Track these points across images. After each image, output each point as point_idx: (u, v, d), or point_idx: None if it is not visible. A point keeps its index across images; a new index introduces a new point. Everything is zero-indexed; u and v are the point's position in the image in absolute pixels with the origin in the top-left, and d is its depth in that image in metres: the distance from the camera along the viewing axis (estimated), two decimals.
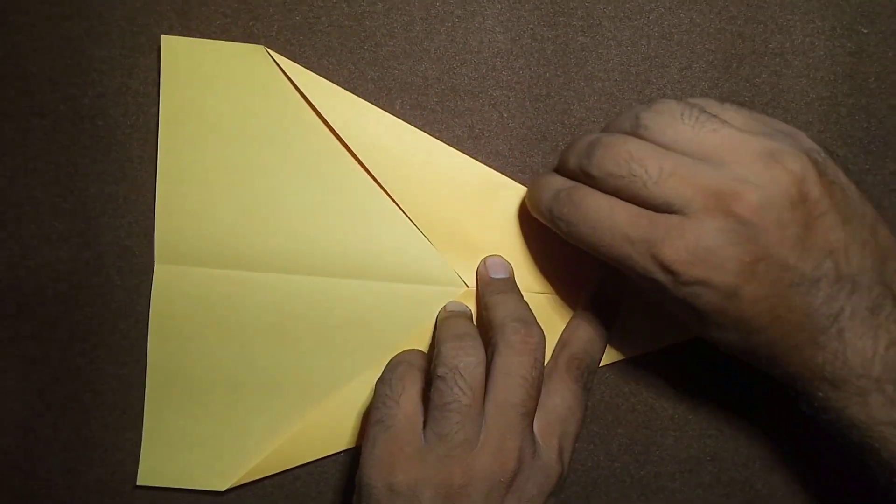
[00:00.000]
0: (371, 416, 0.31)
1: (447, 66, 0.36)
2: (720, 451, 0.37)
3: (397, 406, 0.31)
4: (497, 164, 0.36)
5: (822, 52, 0.37)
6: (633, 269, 0.29)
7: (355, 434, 0.36)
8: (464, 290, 0.36)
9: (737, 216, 0.28)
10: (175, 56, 0.35)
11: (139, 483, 0.36)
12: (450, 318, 0.34)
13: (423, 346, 0.36)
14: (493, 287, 0.35)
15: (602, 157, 0.29)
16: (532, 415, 0.31)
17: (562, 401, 0.33)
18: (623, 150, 0.29)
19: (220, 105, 0.36)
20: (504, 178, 0.36)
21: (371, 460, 0.30)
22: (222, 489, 0.36)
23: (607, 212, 0.29)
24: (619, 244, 0.29)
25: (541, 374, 0.31)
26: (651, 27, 0.36)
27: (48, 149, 0.36)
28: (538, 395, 0.31)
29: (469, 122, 0.37)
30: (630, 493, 0.37)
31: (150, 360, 0.36)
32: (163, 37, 0.35)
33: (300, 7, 0.36)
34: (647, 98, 0.37)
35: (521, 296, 0.34)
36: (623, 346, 0.37)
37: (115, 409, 0.37)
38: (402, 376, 0.32)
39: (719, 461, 0.37)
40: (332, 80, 0.36)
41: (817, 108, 0.37)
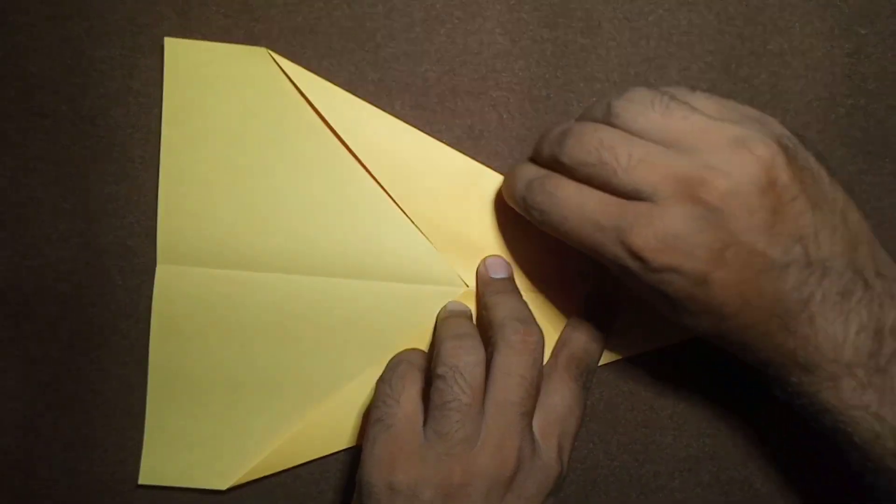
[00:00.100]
0: (371, 414, 0.31)
1: (447, 68, 0.36)
2: (719, 450, 0.37)
3: (397, 405, 0.31)
4: (497, 164, 0.36)
5: (820, 53, 0.37)
6: (604, 257, 0.29)
7: (356, 433, 0.36)
8: (464, 290, 0.36)
9: (705, 203, 0.27)
10: (178, 58, 0.36)
11: (140, 482, 0.36)
12: (450, 317, 0.34)
13: (423, 346, 0.36)
14: (492, 287, 0.35)
15: (573, 146, 0.29)
16: (531, 414, 0.31)
17: (561, 400, 0.33)
18: (593, 139, 0.29)
19: (221, 106, 0.36)
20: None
21: (371, 459, 0.30)
22: (223, 488, 0.36)
23: (578, 200, 0.29)
24: (590, 232, 0.29)
25: (540, 373, 0.31)
26: (650, 28, 0.37)
27: (49, 149, 0.36)
28: (537, 394, 0.31)
29: (469, 123, 0.37)
30: (629, 492, 0.38)
31: (151, 360, 0.36)
32: (166, 39, 0.35)
33: (301, 8, 0.36)
34: None
35: (520, 296, 0.35)
36: (622, 345, 0.37)
37: (117, 408, 0.37)
38: (402, 375, 0.32)
39: (718, 460, 0.37)
40: (332, 81, 0.36)
41: (816, 109, 0.37)
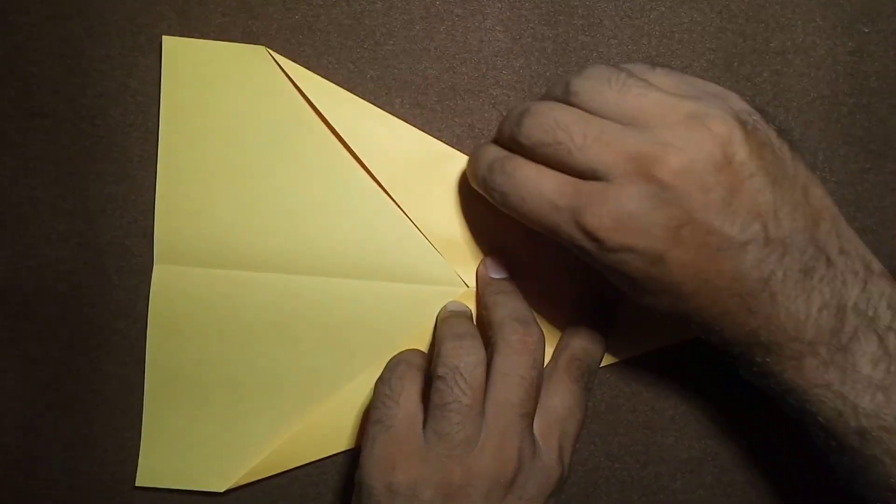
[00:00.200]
0: (371, 415, 0.31)
1: (447, 65, 0.36)
2: (721, 452, 0.37)
3: (397, 406, 0.31)
4: None
5: (823, 51, 0.37)
6: (561, 238, 0.29)
7: (355, 435, 0.36)
8: (464, 290, 0.36)
9: (658, 181, 0.27)
10: (176, 56, 0.35)
11: (138, 484, 0.36)
12: (450, 318, 0.34)
13: (423, 346, 0.36)
14: (492, 287, 0.35)
15: (529, 126, 0.29)
16: (532, 415, 0.31)
17: (562, 401, 0.33)
18: (549, 118, 0.29)
19: (220, 105, 0.36)
20: None
21: (370, 460, 0.30)
22: (221, 490, 0.36)
23: (535, 181, 0.29)
24: (547, 213, 0.29)
25: (540, 373, 0.31)
26: (652, 26, 0.36)
27: (48, 149, 0.36)
28: (538, 394, 0.31)
29: (469, 122, 0.36)
30: (631, 493, 0.37)
31: (148, 361, 0.36)
32: (164, 37, 0.35)
33: (299, 6, 0.36)
34: None
35: (520, 296, 0.34)
36: (623, 346, 0.36)
37: (115, 408, 0.37)
38: (401, 376, 0.31)
39: (720, 462, 0.37)
40: (331, 80, 0.36)
41: (818, 107, 0.37)
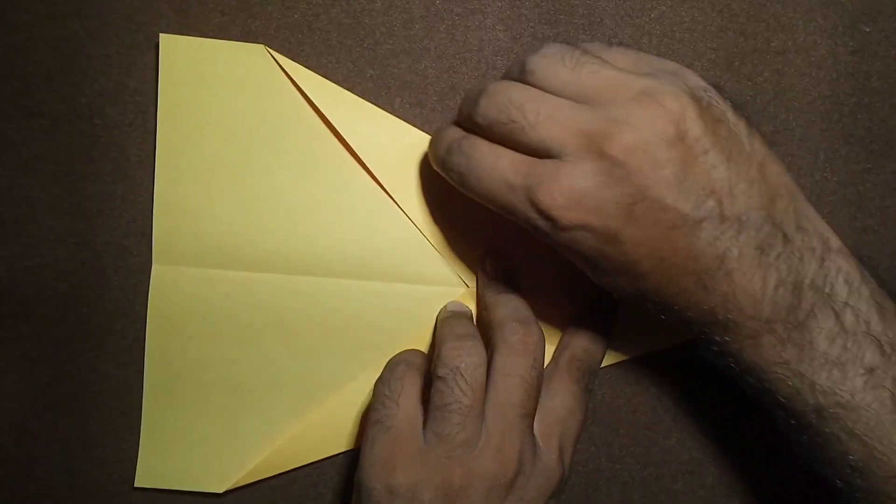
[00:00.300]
0: (370, 416, 0.31)
1: (447, 65, 0.36)
2: (722, 453, 0.37)
3: (396, 406, 0.30)
4: None
5: (824, 51, 0.36)
6: (517, 217, 0.29)
7: (355, 435, 0.36)
8: (464, 290, 0.36)
9: (610, 157, 0.27)
10: (173, 55, 0.35)
11: (137, 485, 0.36)
12: (450, 318, 0.34)
13: (423, 346, 0.35)
14: (492, 287, 0.35)
15: (485, 105, 0.29)
16: (532, 416, 0.31)
17: (562, 402, 0.32)
18: (504, 97, 0.29)
19: (218, 104, 0.36)
20: None
21: (370, 461, 0.30)
22: (220, 491, 0.36)
23: (491, 160, 0.29)
24: (503, 192, 0.29)
25: (540, 374, 0.31)
26: (653, 25, 0.36)
27: (46, 148, 0.36)
28: (538, 395, 0.31)
29: None
30: (632, 494, 0.37)
31: (147, 361, 0.36)
32: (161, 35, 0.35)
33: (299, 5, 0.36)
34: None
35: (520, 296, 0.34)
36: (624, 347, 0.36)
37: (114, 409, 0.37)
38: (401, 376, 0.31)
39: (721, 463, 0.37)
40: (330, 79, 0.36)
41: (819, 107, 0.37)
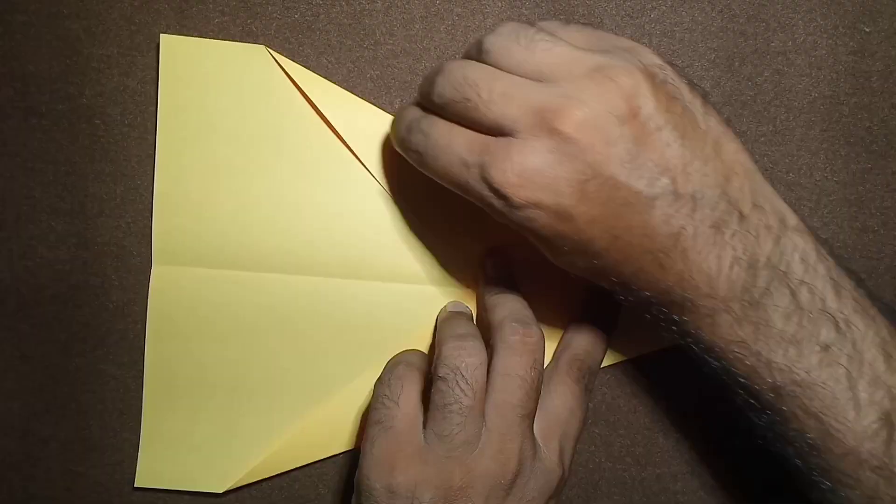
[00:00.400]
0: (370, 416, 0.31)
1: None
2: (723, 453, 0.37)
3: (396, 406, 0.30)
4: None
5: (824, 51, 0.36)
6: (472, 196, 0.29)
7: (355, 435, 0.36)
8: (464, 291, 0.36)
9: (560, 134, 0.27)
10: (174, 55, 0.35)
11: (137, 485, 0.36)
12: (450, 318, 0.34)
13: (423, 347, 0.35)
14: (493, 287, 0.35)
15: (441, 84, 0.29)
16: (532, 416, 0.31)
17: (562, 402, 0.32)
18: (459, 75, 0.29)
19: (218, 104, 0.35)
20: None
21: (370, 461, 0.30)
22: (220, 491, 0.36)
23: (447, 138, 0.29)
24: (458, 170, 0.29)
25: (540, 374, 0.31)
26: (653, 25, 0.36)
27: (46, 148, 0.36)
28: (538, 395, 0.31)
29: None
30: (632, 494, 0.37)
31: (147, 361, 0.36)
32: (162, 36, 0.35)
33: (299, 5, 0.36)
34: None
35: (520, 296, 0.34)
36: (625, 347, 0.36)
37: (114, 409, 0.37)
38: (400, 376, 0.31)
39: (722, 463, 0.37)
40: (331, 79, 0.36)
41: (820, 107, 0.37)
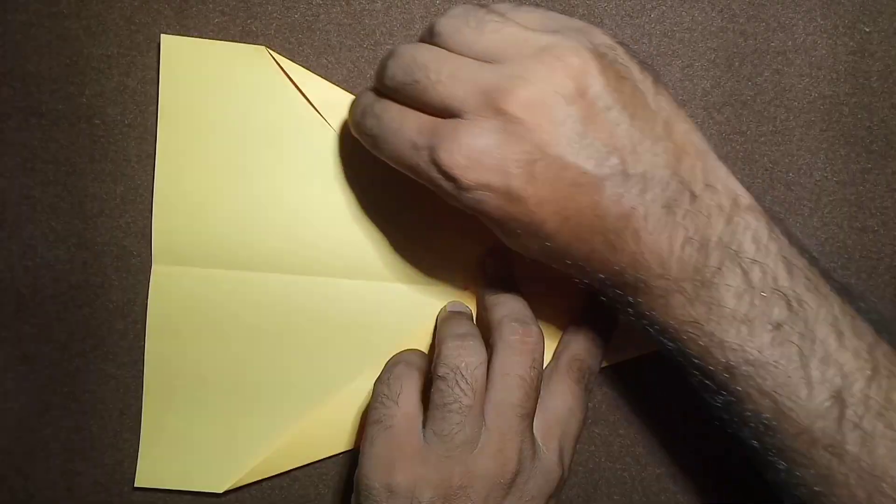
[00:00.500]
0: (370, 415, 0.31)
1: None
2: (723, 453, 0.37)
3: (396, 406, 0.30)
4: None
5: (824, 51, 0.36)
6: (422, 179, 0.29)
7: (355, 435, 0.36)
8: (463, 291, 0.36)
9: (507, 114, 0.27)
10: (175, 55, 0.35)
11: (137, 485, 0.36)
12: (450, 317, 0.34)
13: (423, 347, 0.35)
14: (492, 287, 0.35)
15: (391, 67, 0.29)
16: (532, 415, 0.31)
17: (562, 402, 0.32)
18: (409, 58, 0.29)
19: (218, 104, 0.35)
20: None
21: (370, 460, 0.30)
22: (220, 491, 0.36)
23: (398, 122, 0.29)
24: (409, 153, 0.29)
25: (539, 373, 0.31)
26: (653, 25, 0.36)
27: (46, 148, 0.36)
28: (537, 395, 0.31)
29: None
30: (632, 494, 0.37)
31: (147, 361, 0.36)
32: (163, 36, 0.35)
33: (299, 5, 0.36)
34: None
35: (520, 296, 0.34)
36: (625, 347, 0.36)
37: (114, 409, 0.37)
38: (400, 376, 0.31)
39: (722, 463, 0.37)
40: (330, 79, 0.36)
41: (819, 107, 0.37)
